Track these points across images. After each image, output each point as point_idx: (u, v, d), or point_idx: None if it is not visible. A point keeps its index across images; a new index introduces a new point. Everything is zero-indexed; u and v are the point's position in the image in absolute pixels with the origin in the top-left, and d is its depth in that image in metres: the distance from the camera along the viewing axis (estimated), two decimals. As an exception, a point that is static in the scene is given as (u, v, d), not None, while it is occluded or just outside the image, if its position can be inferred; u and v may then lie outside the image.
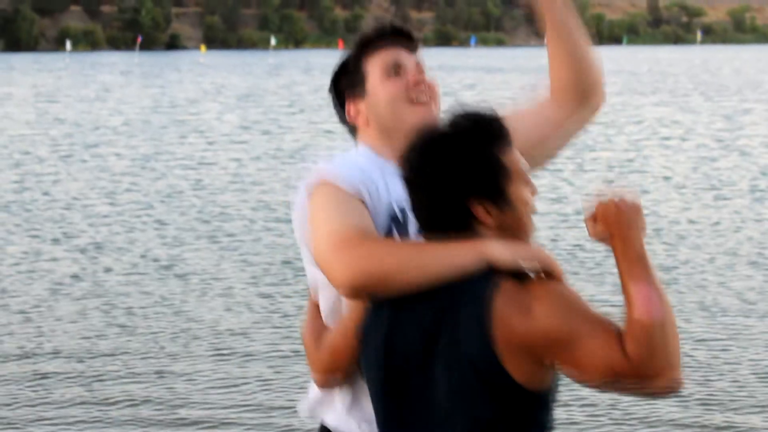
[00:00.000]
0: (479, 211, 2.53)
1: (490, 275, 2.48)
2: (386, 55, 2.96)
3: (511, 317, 2.41)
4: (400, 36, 3.00)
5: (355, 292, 2.57)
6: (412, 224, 2.78)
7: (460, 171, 2.53)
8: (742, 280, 11.36)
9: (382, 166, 2.90)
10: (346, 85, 3.02)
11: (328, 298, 2.86)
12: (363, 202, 2.79)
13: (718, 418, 7.43)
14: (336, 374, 2.80)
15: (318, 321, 2.89)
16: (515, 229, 2.57)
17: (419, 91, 2.93)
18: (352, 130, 3.05)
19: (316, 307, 2.91)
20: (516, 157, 2.57)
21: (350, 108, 3.02)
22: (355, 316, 2.68)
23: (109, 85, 49.70)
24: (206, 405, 7.78)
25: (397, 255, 2.55)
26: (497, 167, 2.55)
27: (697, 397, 7.78)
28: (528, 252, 2.51)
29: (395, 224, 2.83)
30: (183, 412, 7.63)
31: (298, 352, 9.01)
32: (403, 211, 2.82)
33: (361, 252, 2.57)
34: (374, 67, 2.96)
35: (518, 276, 2.48)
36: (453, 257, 2.50)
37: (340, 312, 2.82)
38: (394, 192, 2.82)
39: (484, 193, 2.53)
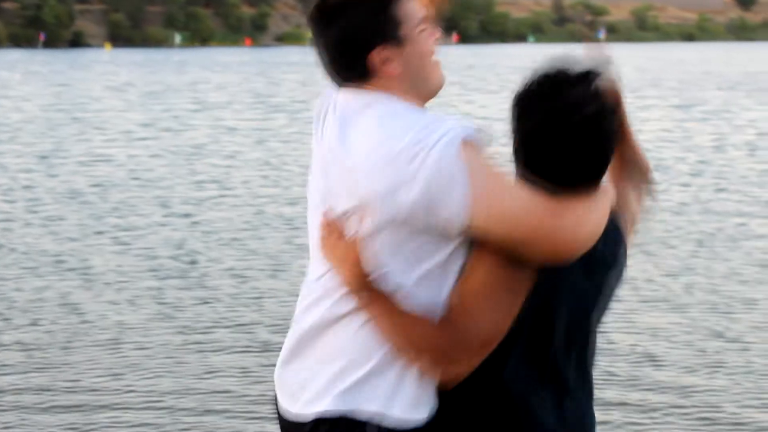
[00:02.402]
0: None
1: None
2: (418, 5, 2.74)
3: None
4: None
5: (575, 255, 2.66)
6: None
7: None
8: (637, 272, 11.60)
9: None
10: (372, 26, 2.67)
11: (430, 266, 2.65)
12: None
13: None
14: (484, 353, 2.65)
15: (403, 308, 2.64)
16: None
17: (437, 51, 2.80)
18: (358, 77, 2.70)
19: (382, 293, 2.65)
20: None
21: (377, 53, 2.68)
22: (506, 282, 2.64)
23: (8, 83, 48.97)
24: (97, 391, 7.79)
25: (585, 212, 2.68)
26: None
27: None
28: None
29: None
30: (73, 399, 7.62)
31: (198, 341, 9.05)
32: None
33: (571, 217, 2.64)
34: (411, 16, 2.71)
35: None
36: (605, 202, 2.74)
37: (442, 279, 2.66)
38: None
39: None
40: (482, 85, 46.11)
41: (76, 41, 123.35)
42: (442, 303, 2.66)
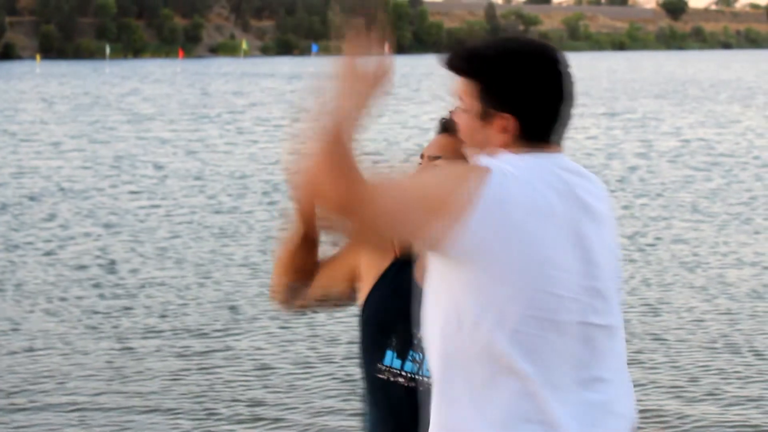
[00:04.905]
0: None
1: None
2: None
3: None
4: None
5: None
6: None
7: None
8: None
9: None
10: None
11: None
12: None
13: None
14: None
15: None
16: None
17: None
18: None
19: None
20: None
21: None
22: None
23: (-63, 95, 48.42)
24: (16, 395, 7.76)
25: None
26: None
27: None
28: None
29: None
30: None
31: (123, 348, 9.03)
32: None
33: None
34: None
35: None
36: None
37: None
38: None
39: None
40: (414, 94, 46.36)
41: (7, 53, 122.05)
42: None
